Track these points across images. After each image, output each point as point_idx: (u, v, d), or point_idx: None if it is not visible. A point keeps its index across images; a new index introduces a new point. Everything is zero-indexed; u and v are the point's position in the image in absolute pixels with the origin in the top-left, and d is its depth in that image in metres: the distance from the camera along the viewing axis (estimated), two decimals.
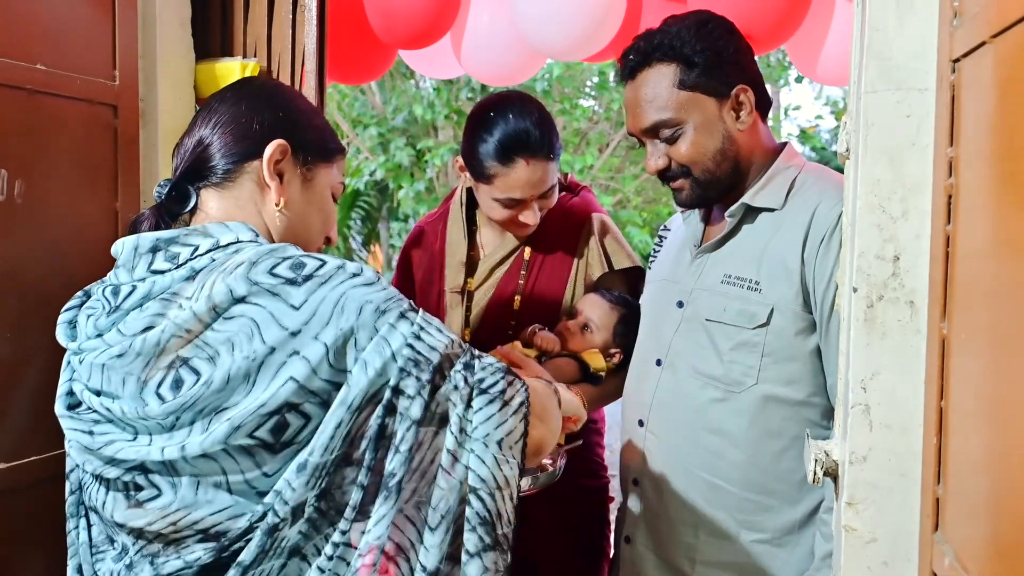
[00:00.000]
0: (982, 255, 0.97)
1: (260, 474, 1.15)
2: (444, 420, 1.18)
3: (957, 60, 1.06)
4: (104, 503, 1.24)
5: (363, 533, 1.15)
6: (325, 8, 2.13)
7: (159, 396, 1.15)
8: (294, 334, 1.12)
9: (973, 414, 0.99)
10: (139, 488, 1.19)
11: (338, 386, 1.13)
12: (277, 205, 1.32)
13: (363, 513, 1.15)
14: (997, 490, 0.90)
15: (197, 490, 1.16)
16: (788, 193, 1.77)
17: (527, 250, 2.26)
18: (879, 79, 1.18)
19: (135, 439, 1.19)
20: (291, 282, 1.14)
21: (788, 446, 1.74)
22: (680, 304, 1.87)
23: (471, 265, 2.31)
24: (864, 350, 1.20)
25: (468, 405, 1.19)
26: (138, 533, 1.20)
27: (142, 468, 1.18)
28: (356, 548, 1.15)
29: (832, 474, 1.29)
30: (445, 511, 1.17)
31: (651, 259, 2.11)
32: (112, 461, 1.20)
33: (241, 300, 1.13)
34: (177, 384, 1.14)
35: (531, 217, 2.11)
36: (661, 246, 2.10)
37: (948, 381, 1.08)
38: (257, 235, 1.26)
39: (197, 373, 1.13)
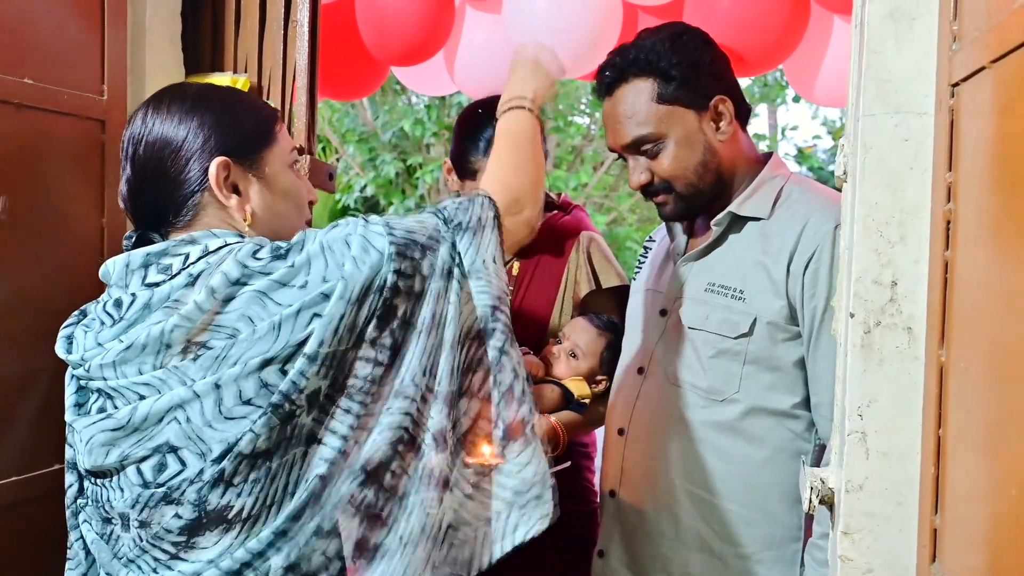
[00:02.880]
0: (981, 281, 0.96)
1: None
2: (448, 274, 1.26)
3: (956, 84, 1.05)
4: (110, 498, 1.26)
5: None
6: (317, 24, 2.12)
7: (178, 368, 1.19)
8: (302, 288, 1.18)
9: (972, 443, 0.98)
10: (162, 467, 1.21)
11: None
12: (245, 220, 1.32)
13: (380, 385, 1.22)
14: (996, 521, 0.89)
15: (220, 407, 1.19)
16: (775, 203, 1.76)
17: (516, 265, 2.25)
18: (877, 102, 1.17)
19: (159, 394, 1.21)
20: (278, 257, 1.20)
21: (771, 457, 1.72)
22: (663, 312, 1.85)
23: None
24: (861, 377, 1.18)
25: (455, 246, 1.28)
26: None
27: (165, 445, 1.20)
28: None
29: (828, 502, 1.27)
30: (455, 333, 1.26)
31: (636, 270, 2.09)
32: (133, 429, 1.22)
33: (237, 282, 1.18)
34: (196, 358, 1.19)
35: None
36: (646, 257, 2.08)
37: (946, 409, 1.06)
38: (243, 238, 1.28)
39: (216, 347, 1.18)
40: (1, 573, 1.72)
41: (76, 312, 1.34)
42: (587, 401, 2.06)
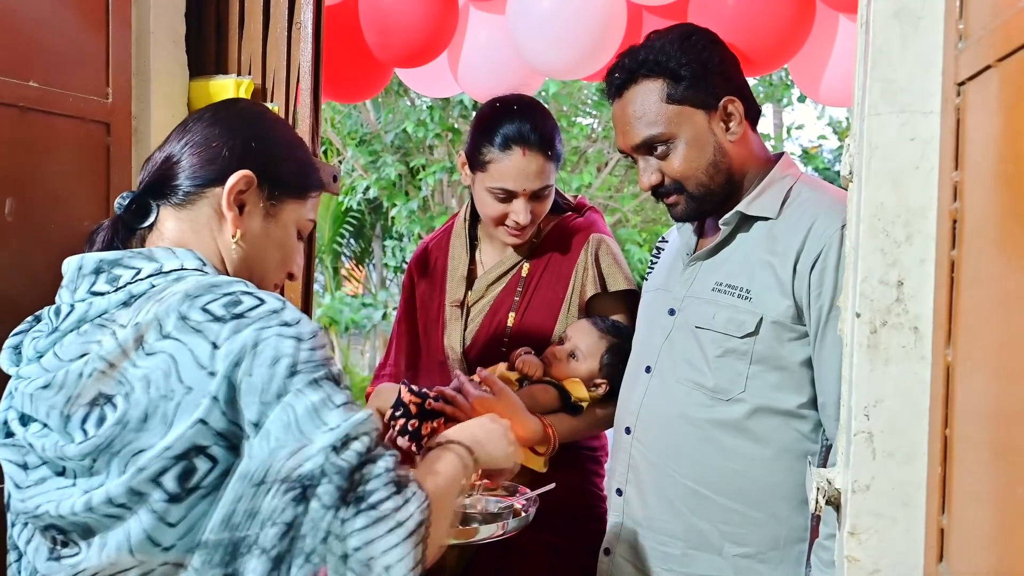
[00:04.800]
0: (987, 281, 0.95)
1: (164, 525, 1.10)
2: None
3: (962, 83, 1.04)
4: (27, 547, 1.20)
5: None
6: (321, 26, 2.12)
7: (84, 432, 1.12)
8: (212, 374, 1.08)
9: (978, 443, 0.98)
10: (65, 544, 1.15)
11: (241, 428, 1.09)
12: (233, 237, 1.29)
13: None
14: (1002, 521, 0.88)
15: (102, 552, 1.12)
16: (783, 203, 1.77)
17: (525, 267, 2.24)
18: (883, 101, 1.17)
19: (62, 474, 1.15)
20: (218, 319, 1.11)
21: (776, 456, 1.72)
22: (671, 312, 1.86)
23: (470, 280, 2.30)
24: (867, 376, 1.18)
25: (343, 518, 1.07)
26: None
27: (60, 522, 1.14)
28: None
29: (834, 503, 1.26)
30: None
31: (648, 270, 2.10)
32: (32, 514, 1.16)
33: (167, 336, 1.11)
34: (100, 422, 1.11)
35: (521, 214, 2.09)
36: (658, 258, 2.09)
37: (953, 409, 1.06)
38: (204, 264, 1.24)
39: (116, 410, 1.10)
40: None
41: (30, 317, 1.31)
42: (584, 404, 2.05)
